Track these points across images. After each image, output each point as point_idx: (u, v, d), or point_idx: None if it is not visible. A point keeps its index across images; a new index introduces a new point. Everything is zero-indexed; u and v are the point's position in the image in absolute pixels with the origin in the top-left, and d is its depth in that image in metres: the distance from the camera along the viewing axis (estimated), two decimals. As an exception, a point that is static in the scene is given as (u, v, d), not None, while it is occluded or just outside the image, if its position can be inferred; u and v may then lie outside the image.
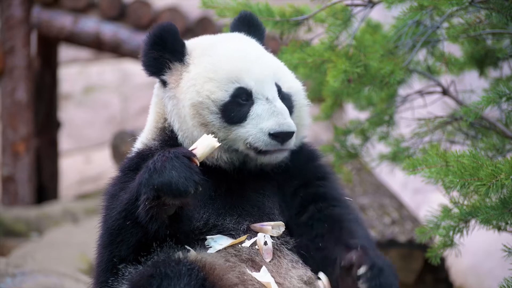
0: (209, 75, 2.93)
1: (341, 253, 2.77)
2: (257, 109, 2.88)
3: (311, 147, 3.14)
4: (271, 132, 2.84)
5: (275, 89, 2.94)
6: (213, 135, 2.80)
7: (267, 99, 2.90)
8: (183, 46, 3.03)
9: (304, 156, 3.07)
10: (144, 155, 2.97)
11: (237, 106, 2.89)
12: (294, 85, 3.04)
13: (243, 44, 3.05)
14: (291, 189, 3.01)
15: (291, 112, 2.95)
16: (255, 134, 2.86)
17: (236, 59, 2.96)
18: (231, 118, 2.89)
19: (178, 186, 2.61)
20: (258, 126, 2.86)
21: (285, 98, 2.97)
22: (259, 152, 2.88)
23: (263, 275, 2.76)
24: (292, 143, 2.90)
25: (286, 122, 2.85)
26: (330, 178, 3.09)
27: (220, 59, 2.96)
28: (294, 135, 2.88)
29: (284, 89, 2.99)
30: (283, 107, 2.89)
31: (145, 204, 2.65)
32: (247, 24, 3.16)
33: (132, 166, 2.96)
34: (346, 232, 2.87)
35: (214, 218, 2.87)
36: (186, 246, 2.80)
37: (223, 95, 2.90)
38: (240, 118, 2.89)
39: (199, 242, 2.83)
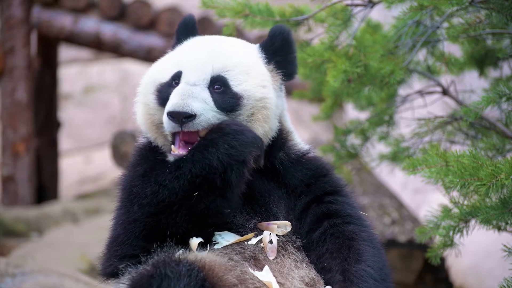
0: (166, 59, 3.01)
1: (336, 285, 2.79)
2: (173, 92, 2.87)
3: (320, 161, 3.09)
4: (167, 112, 2.81)
5: (204, 77, 2.88)
6: (150, 116, 2.92)
7: (185, 82, 2.87)
8: (186, 38, 3.11)
9: (312, 171, 3.02)
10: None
11: (169, 88, 2.91)
12: (254, 90, 2.91)
13: (213, 40, 3.05)
14: (300, 204, 2.97)
15: (233, 110, 2.88)
16: (164, 115, 2.86)
17: (191, 49, 2.99)
18: (161, 99, 2.91)
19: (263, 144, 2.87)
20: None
21: (230, 95, 2.89)
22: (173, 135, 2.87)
23: (265, 274, 2.76)
24: (197, 127, 2.81)
25: (181, 102, 2.79)
26: (342, 192, 3.02)
27: (182, 49, 3.03)
28: (200, 119, 2.80)
29: (236, 88, 2.90)
30: (194, 91, 2.83)
31: (250, 164, 2.77)
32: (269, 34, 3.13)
33: (145, 149, 3.01)
34: (353, 253, 2.83)
35: None
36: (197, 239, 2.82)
37: (165, 77, 2.94)
38: (165, 100, 2.89)
39: (206, 237, 2.84)
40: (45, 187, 10.03)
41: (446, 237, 3.48)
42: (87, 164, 13.86)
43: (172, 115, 2.79)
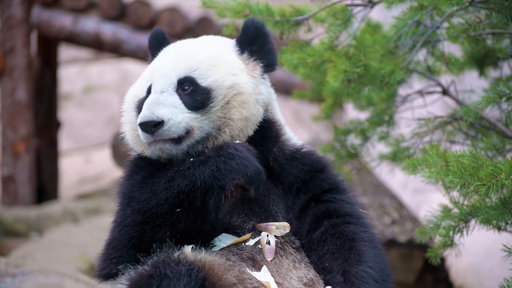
0: (143, 74, 3.04)
1: (337, 286, 2.79)
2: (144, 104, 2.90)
3: (314, 155, 3.07)
4: (138, 124, 2.84)
5: (169, 82, 2.90)
6: (134, 132, 2.94)
7: (154, 92, 2.90)
8: (159, 49, 3.12)
9: (308, 166, 3.01)
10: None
11: (144, 102, 2.93)
12: (223, 79, 2.92)
13: (180, 45, 3.07)
14: (299, 202, 2.96)
15: (205, 105, 2.88)
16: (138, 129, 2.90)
17: (159, 59, 3.03)
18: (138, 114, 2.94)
19: (263, 176, 2.76)
20: None
21: (199, 92, 2.90)
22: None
23: (263, 274, 2.76)
24: (169, 133, 2.82)
25: (147, 112, 2.81)
26: (340, 189, 3.01)
27: (154, 61, 3.06)
28: (169, 124, 2.81)
29: (204, 83, 2.91)
30: (161, 98, 2.85)
31: (228, 192, 2.71)
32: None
33: (139, 159, 3.01)
34: (354, 254, 2.83)
35: None
36: (189, 244, 2.81)
37: (141, 93, 2.98)
38: None
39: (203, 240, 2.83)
40: (45, 187, 10.02)
41: (446, 237, 3.48)
42: (87, 164, 13.86)
43: (141, 127, 2.82)
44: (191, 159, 2.81)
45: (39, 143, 9.85)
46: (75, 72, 14.60)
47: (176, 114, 2.84)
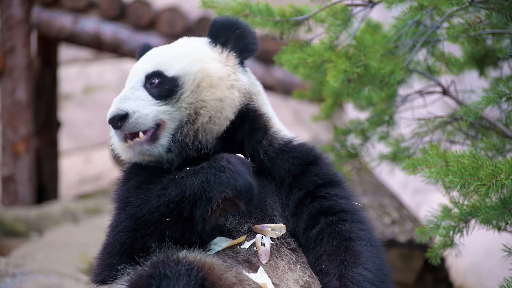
0: (126, 83, 3.08)
1: None
2: None
3: (305, 147, 3.03)
4: (108, 123, 2.90)
5: (137, 79, 2.95)
6: None
7: (123, 91, 2.95)
8: None
9: (299, 159, 2.98)
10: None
11: None
12: (190, 66, 2.92)
13: (155, 48, 3.12)
14: (293, 199, 2.94)
15: (174, 93, 2.89)
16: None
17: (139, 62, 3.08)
18: None
19: (254, 191, 2.72)
20: None
21: (166, 82, 2.91)
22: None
23: (259, 276, 2.75)
24: (135, 126, 2.85)
25: (112, 108, 2.88)
26: (334, 182, 2.98)
27: None
28: (135, 116, 2.84)
29: (171, 73, 2.93)
30: (127, 93, 2.91)
31: (215, 205, 2.69)
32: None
33: (133, 167, 3.01)
34: (350, 256, 2.81)
35: None
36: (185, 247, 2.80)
37: None
38: None
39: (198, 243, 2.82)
40: (45, 187, 10.03)
41: (446, 237, 3.48)
42: (87, 164, 13.86)
43: (110, 123, 2.87)
44: (187, 168, 2.80)
45: (39, 143, 9.85)
46: (75, 72, 14.60)
47: (142, 106, 2.87)
